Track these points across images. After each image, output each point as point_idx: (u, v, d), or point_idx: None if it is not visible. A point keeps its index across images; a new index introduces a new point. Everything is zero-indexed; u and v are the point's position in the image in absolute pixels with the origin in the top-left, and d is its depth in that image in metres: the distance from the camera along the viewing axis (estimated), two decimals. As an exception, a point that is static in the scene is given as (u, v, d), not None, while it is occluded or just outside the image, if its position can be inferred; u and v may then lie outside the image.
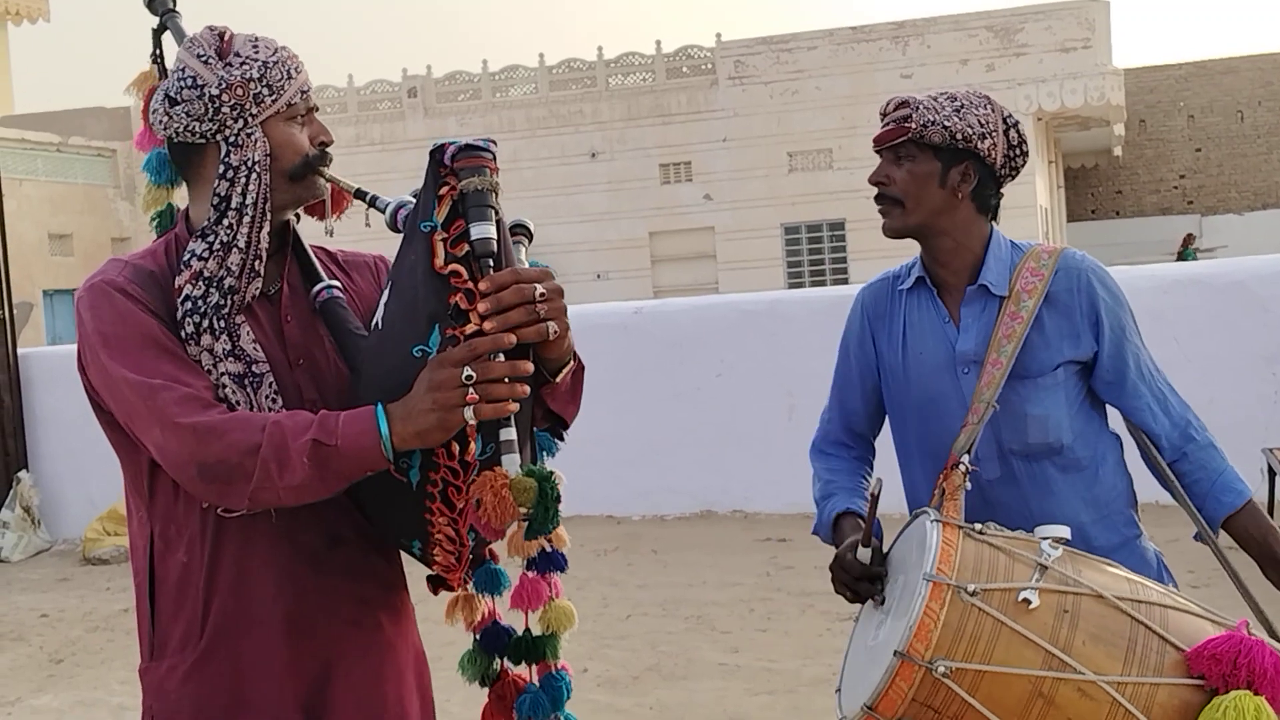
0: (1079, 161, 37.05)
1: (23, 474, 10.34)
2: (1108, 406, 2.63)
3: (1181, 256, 30.21)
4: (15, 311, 10.74)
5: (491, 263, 1.91)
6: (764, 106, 27.77)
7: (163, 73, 2.31)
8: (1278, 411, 8.46)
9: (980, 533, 2.15)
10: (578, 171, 29.33)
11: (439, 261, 1.92)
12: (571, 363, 2.11)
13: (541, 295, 1.92)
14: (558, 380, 2.08)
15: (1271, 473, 7.55)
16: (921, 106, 2.50)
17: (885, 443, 2.77)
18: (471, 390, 1.86)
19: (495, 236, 1.92)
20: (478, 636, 2.35)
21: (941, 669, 1.99)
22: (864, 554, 2.31)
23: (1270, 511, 7.50)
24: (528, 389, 1.93)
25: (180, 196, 2.30)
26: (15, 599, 8.51)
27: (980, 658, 2.01)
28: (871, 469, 2.74)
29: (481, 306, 1.89)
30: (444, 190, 1.94)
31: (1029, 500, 2.49)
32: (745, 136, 27.81)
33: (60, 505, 10.39)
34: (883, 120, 2.57)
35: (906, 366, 2.58)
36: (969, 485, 2.39)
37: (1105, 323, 2.52)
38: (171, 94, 2.04)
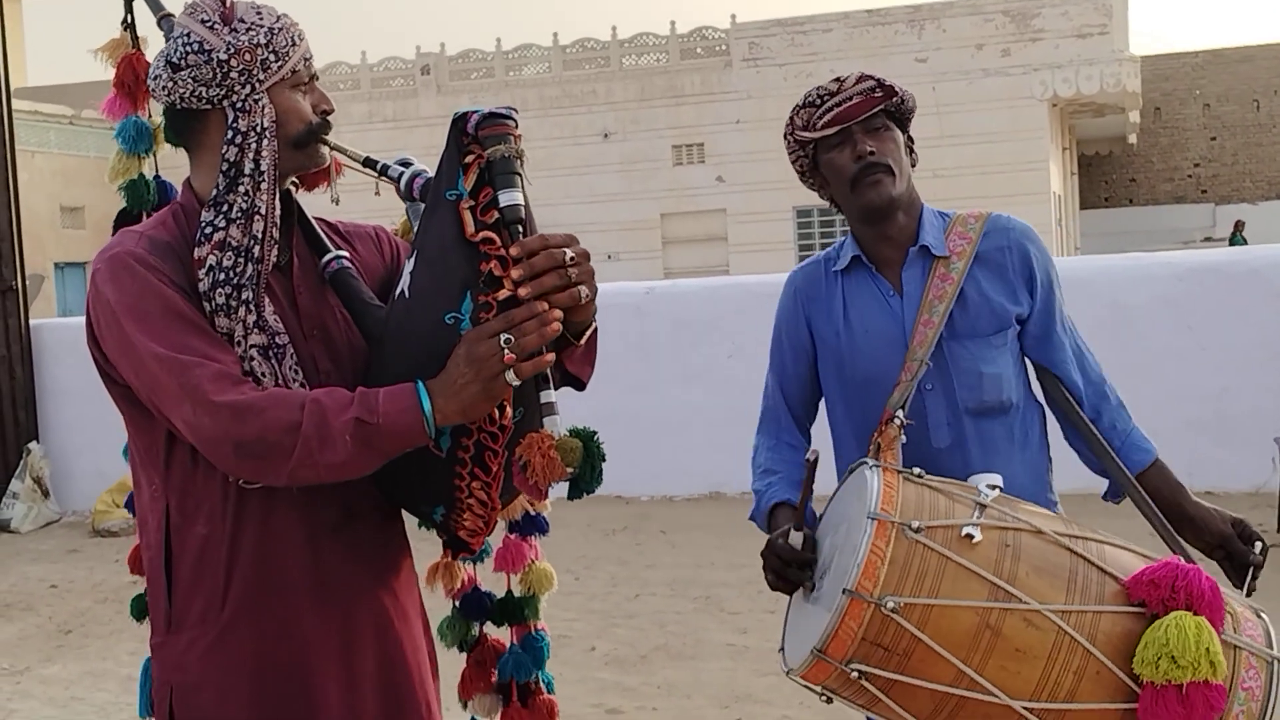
0: (1093, 148, 36.90)
1: (33, 445, 10.37)
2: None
3: (1232, 241, 30.06)
4: (27, 283, 10.76)
5: (521, 229, 1.93)
6: (778, 89, 27.70)
7: (135, 40, 2.29)
8: (1291, 401, 8.43)
9: (919, 477, 2.19)
10: (590, 152, 29.28)
11: (469, 229, 1.93)
12: (592, 324, 2.11)
13: (571, 259, 1.93)
14: (580, 342, 2.08)
15: (1283, 462, 7.53)
16: (887, 80, 2.59)
17: (822, 425, 2.77)
18: (508, 352, 1.87)
19: (524, 203, 1.94)
20: (457, 603, 2.36)
21: (891, 604, 2.01)
22: (796, 538, 2.30)
23: (1281, 501, 7.48)
24: (553, 357, 1.94)
25: (149, 168, 2.29)
26: (25, 569, 8.54)
27: (927, 592, 2.03)
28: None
29: (515, 273, 1.90)
30: (470, 159, 1.95)
31: (974, 465, 2.51)
32: (758, 119, 27.74)
33: (70, 477, 10.41)
34: (831, 97, 2.58)
35: (852, 344, 2.60)
36: (905, 439, 2.42)
37: (1038, 277, 2.59)
38: (174, 60, 2.02)
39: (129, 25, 2.29)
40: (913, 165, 2.64)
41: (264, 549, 2.04)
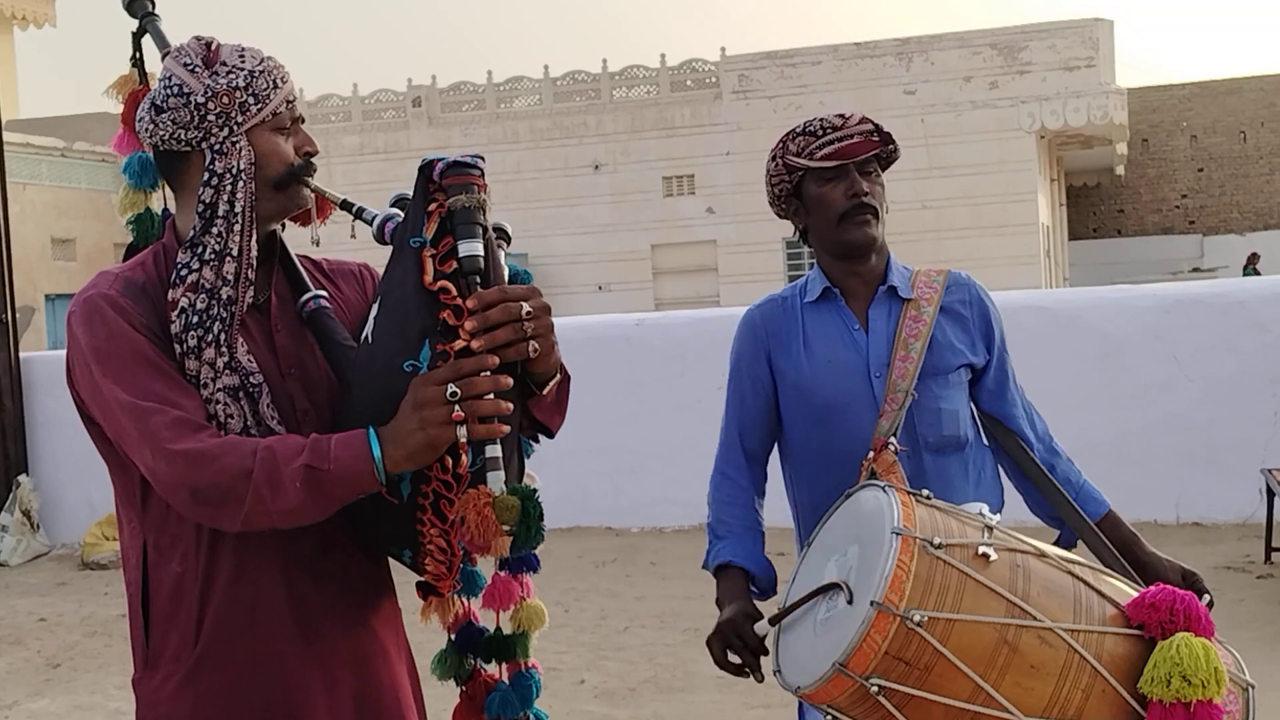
0: (1081, 180, 37.08)
1: (22, 478, 10.34)
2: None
3: (1245, 273, 30.20)
4: (17, 315, 10.76)
5: (479, 280, 1.94)
6: (767, 121, 27.79)
7: (143, 76, 2.32)
8: (1278, 432, 8.46)
9: (928, 499, 2.24)
10: (580, 183, 29.36)
11: (428, 278, 1.94)
12: (558, 375, 2.12)
13: (528, 313, 1.95)
14: (544, 392, 2.09)
15: (1270, 493, 7.55)
16: (885, 129, 2.71)
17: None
18: (457, 408, 1.88)
19: (483, 254, 1.95)
20: (453, 636, 2.37)
21: (917, 617, 2.03)
22: (762, 628, 2.37)
23: (1269, 531, 7.50)
24: (511, 405, 1.95)
25: (157, 201, 2.31)
26: (13, 603, 8.50)
27: (950, 608, 2.06)
28: (764, 496, 2.81)
29: (468, 324, 1.92)
30: (433, 207, 1.97)
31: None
32: (748, 150, 27.83)
33: (60, 510, 10.38)
34: (834, 131, 2.68)
35: (814, 374, 2.68)
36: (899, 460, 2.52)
37: (995, 333, 2.76)
38: (158, 102, 2.05)
39: (137, 62, 2.32)
40: (887, 211, 2.74)
41: (238, 584, 2.05)
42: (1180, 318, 8.72)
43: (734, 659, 2.49)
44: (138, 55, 2.32)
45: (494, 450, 1.93)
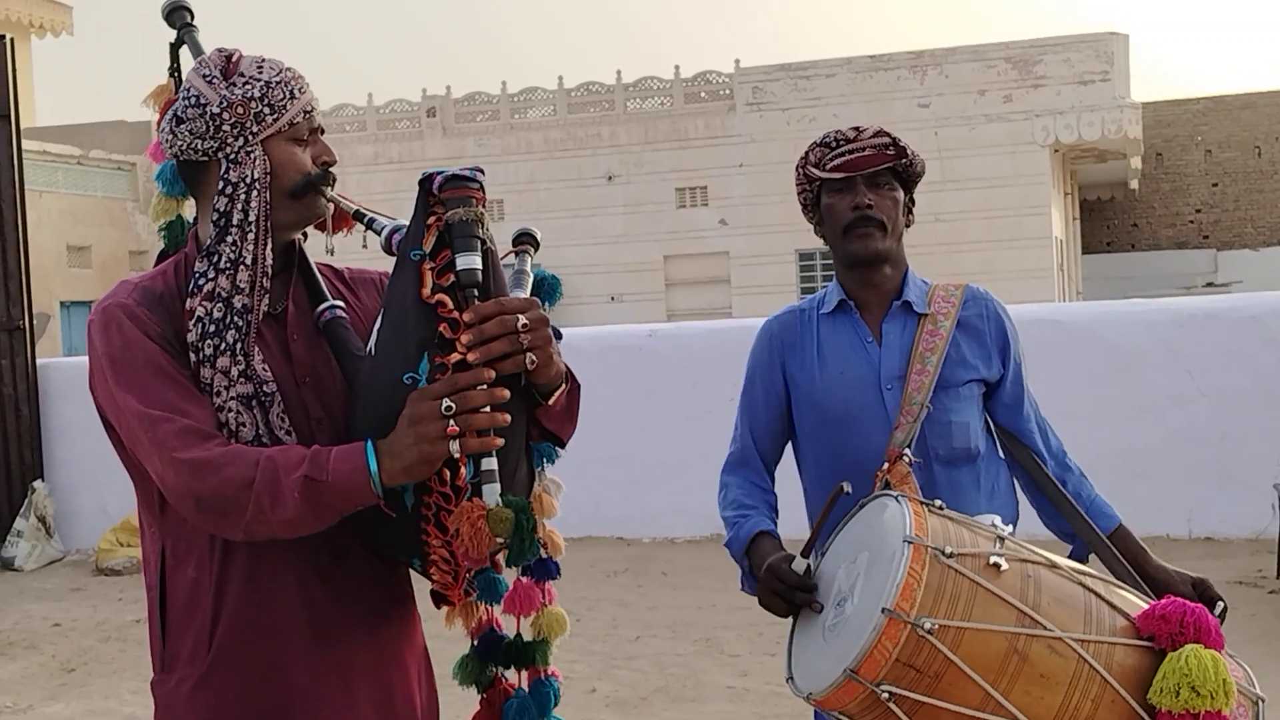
0: (1095, 194, 37.05)
1: (38, 483, 10.39)
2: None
3: None
4: (34, 322, 10.81)
5: (476, 293, 1.96)
6: (781, 133, 27.84)
7: (179, 85, 2.35)
8: (1291, 447, 8.45)
9: (940, 509, 2.26)
10: (594, 194, 29.41)
11: (426, 290, 1.96)
12: (565, 384, 2.14)
13: (524, 326, 1.96)
14: (550, 402, 2.11)
15: (1283, 508, 7.55)
16: (902, 141, 2.72)
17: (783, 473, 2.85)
18: (452, 423, 1.90)
19: (480, 267, 1.97)
20: (475, 642, 2.39)
21: (928, 625, 2.05)
22: (800, 564, 2.37)
23: (1281, 547, 7.50)
24: (509, 417, 1.96)
25: (190, 209, 2.34)
26: (28, 608, 8.55)
27: (960, 616, 2.08)
28: (775, 498, 2.82)
29: (464, 338, 1.93)
30: (431, 220, 1.99)
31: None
32: (762, 162, 27.88)
33: (74, 515, 10.43)
34: (847, 143, 2.72)
35: (826, 384, 2.72)
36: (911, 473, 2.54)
37: (1011, 349, 2.78)
38: (178, 113, 2.08)
39: (174, 72, 2.35)
40: (907, 226, 2.76)
41: (251, 592, 2.08)
42: (1194, 332, 8.72)
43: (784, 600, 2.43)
44: (175, 66, 2.35)
45: (490, 464, 1.94)
